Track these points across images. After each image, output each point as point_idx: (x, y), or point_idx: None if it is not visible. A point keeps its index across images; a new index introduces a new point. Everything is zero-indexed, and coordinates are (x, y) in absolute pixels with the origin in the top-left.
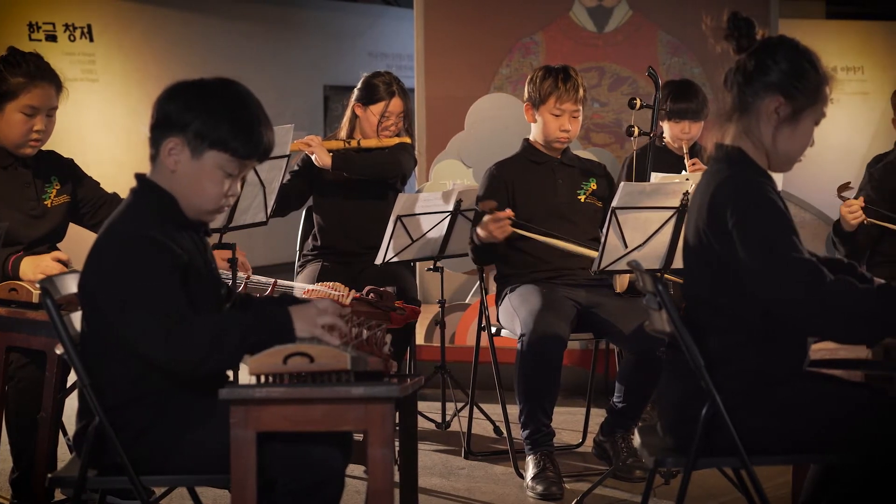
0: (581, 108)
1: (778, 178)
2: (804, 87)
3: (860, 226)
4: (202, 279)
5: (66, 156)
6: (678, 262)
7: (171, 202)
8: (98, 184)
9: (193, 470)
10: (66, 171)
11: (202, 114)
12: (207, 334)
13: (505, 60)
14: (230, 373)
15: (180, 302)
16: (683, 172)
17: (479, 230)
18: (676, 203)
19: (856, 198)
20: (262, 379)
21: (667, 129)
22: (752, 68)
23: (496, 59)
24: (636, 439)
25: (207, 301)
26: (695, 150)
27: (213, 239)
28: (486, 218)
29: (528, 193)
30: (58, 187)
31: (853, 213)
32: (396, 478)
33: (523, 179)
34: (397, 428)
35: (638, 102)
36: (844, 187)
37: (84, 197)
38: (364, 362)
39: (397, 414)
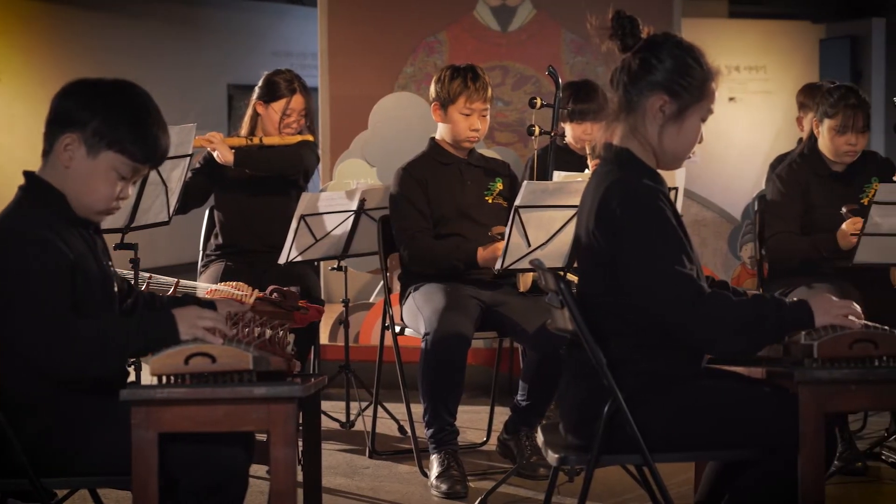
0: (489, 106)
1: (680, 176)
2: (688, 85)
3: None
4: (92, 278)
5: None
6: None
7: (61, 199)
8: None
9: (95, 471)
10: None
11: (102, 113)
12: (89, 340)
13: (409, 59)
14: (132, 373)
15: (64, 304)
16: (586, 171)
17: (482, 253)
18: (579, 202)
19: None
20: (164, 379)
21: (569, 130)
22: (637, 67)
23: (400, 58)
24: (539, 437)
25: (97, 301)
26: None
27: (115, 239)
28: (500, 243)
29: (438, 194)
30: None
31: (858, 230)
32: (300, 477)
33: (433, 180)
34: (301, 428)
35: (538, 102)
36: (851, 206)
37: None
38: (266, 362)
39: (301, 414)
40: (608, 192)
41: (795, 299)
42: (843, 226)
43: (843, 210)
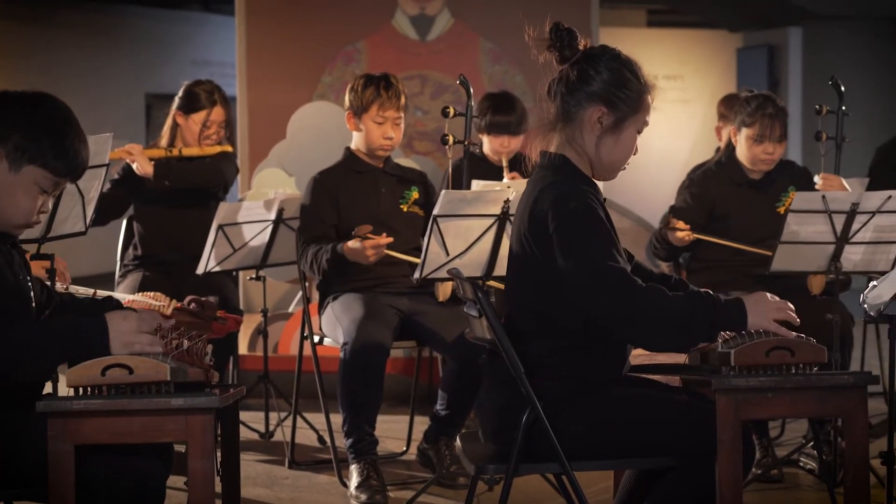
0: (403, 115)
1: (599, 185)
2: (626, 97)
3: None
4: (8, 292)
5: None
6: (500, 270)
7: None
8: None
9: (11, 483)
10: None
11: (24, 127)
12: (20, 345)
13: (327, 69)
14: (48, 385)
15: None
16: (504, 180)
17: (349, 244)
18: (497, 211)
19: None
20: (81, 391)
21: (486, 142)
22: (575, 78)
23: (319, 67)
24: (458, 446)
25: (13, 315)
26: (516, 162)
27: (32, 249)
28: (366, 243)
29: (351, 203)
30: None
31: (680, 238)
32: (218, 488)
33: (347, 189)
34: (219, 438)
35: (451, 111)
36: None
37: None
38: (184, 373)
39: (219, 424)
40: (541, 194)
41: (731, 297)
42: (668, 235)
43: (670, 223)
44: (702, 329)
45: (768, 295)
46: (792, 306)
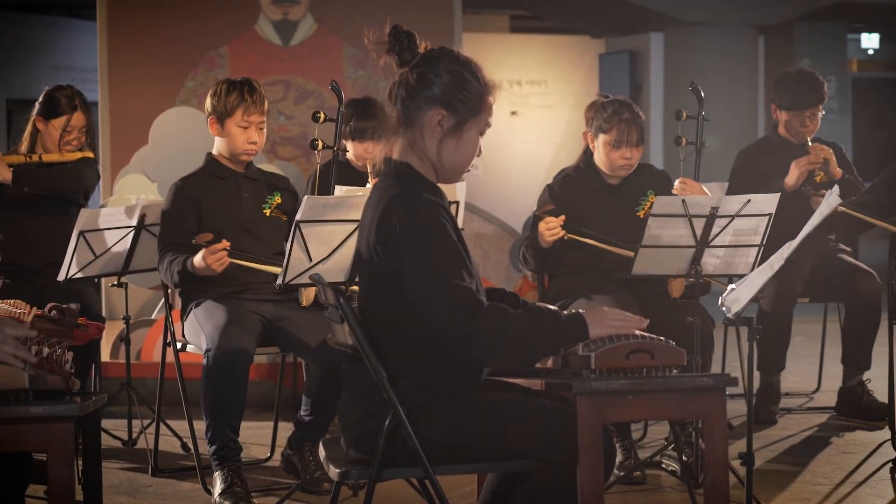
0: (266, 119)
1: (461, 190)
2: (465, 99)
3: (558, 241)
4: None
5: None
6: None
7: None
8: None
9: None
10: None
11: None
12: None
13: (190, 74)
14: None
15: None
16: (367, 185)
17: (195, 262)
18: (360, 216)
19: (553, 214)
20: None
21: (351, 148)
22: (414, 82)
23: (181, 72)
24: (321, 452)
25: None
26: None
27: None
28: (202, 252)
29: (213, 209)
30: None
31: (551, 230)
32: (80, 497)
33: (208, 195)
34: (80, 446)
35: (322, 116)
36: (546, 205)
37: None
38: (43, 381)
39: (80, 432)
40: (389, 207)
41: (572, 311)
42: (539, 226)
43: (539, 210)
44: (545, 345)
45: (606, 308)
46: (634, 316)
